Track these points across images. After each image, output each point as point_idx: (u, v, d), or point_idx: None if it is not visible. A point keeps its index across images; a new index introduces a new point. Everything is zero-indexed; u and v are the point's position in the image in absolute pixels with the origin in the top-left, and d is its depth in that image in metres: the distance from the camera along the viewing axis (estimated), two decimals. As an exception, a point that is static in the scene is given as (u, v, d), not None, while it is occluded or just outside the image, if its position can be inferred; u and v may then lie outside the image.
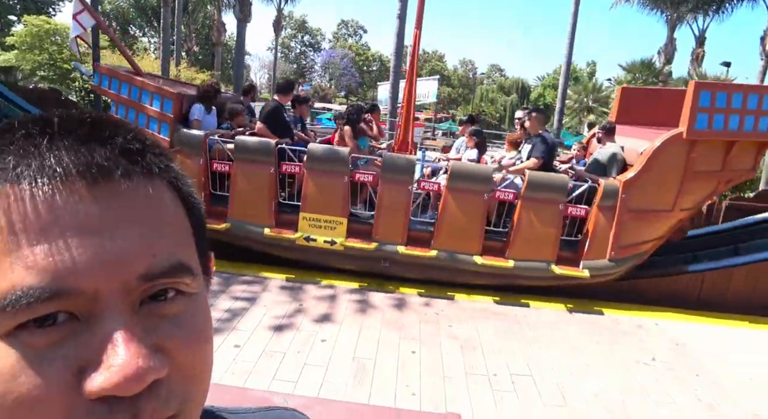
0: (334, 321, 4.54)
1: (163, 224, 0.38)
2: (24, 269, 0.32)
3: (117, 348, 0.33)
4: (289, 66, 61.67)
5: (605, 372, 4.08)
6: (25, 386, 0.32)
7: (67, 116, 0.39)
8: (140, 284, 0.35)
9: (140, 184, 0.37)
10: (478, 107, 52.99)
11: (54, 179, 0.34)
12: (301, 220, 5.59)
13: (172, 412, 0.36)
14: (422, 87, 31.70)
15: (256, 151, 5.57)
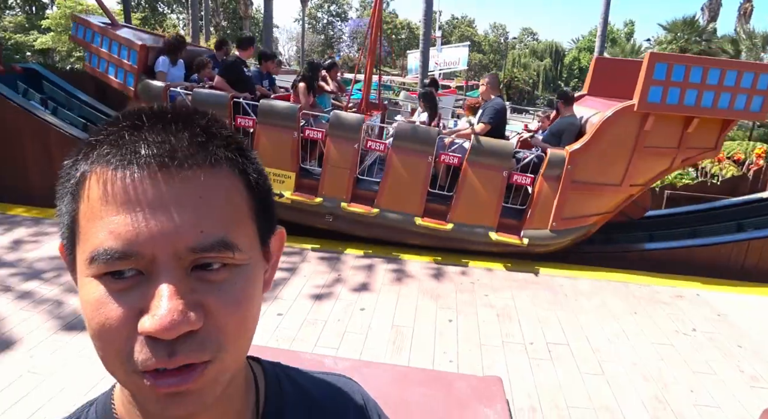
0: (372, 290, 4.65)
1: (216, 207, 0.45)
2: (107, 233, 0.43)
3: (161, 301, 0.42)
4: (316, 37, 61.17)
5: (643, 341, 4.09)
6: (104, 314, 0.43)
7: (153, 111, 0.47)
8: (189, 254, 0.43)
9: (202, 171, 0.45)
10: (510, 72, 51.70)
11: (133, 164, 0.43)
12: None
13: (206, 358, 0.44)
14: (452, 54, 31.08)
15: (211, 103, 5.66)
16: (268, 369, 0.64)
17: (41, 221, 5.93)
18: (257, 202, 0.50)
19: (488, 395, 1.38)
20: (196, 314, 0.43)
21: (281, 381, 0.64)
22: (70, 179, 0.47)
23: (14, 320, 3.77)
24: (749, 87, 5.15)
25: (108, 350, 0.44)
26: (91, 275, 0.44)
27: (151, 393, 0.44)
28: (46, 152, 6.53)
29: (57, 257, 4.92)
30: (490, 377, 1.52)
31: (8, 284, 4.34)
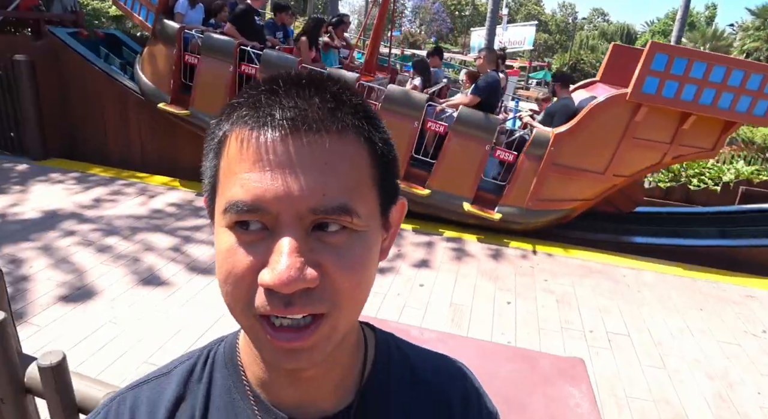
0: (432, 267, 4.69)
1: (339, 173, 0.47)
2: (240, 187, 0.46)
3: (280, 256, 0.45)
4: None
5: (708, 338, 3.96)
6: (233, 262, 0.47)
7: (289, 77, 0.50)
8: (310, 215, 0.45)
9: (329, 136, 0.47)
10: (576, 54, 49.69)
11: (267, 126, 0.46)
12: None
13: (321, 311, 0.47)
14: (517, 33, 30.18)
15: (218, 49, 5.84)
16: (380, 337, 0.66)
17: (117, 181, 6.28)
18: (381, 171, 0.51)
19: (572, 374, 1.40)
20: (312, 272, 0.45)
21: (391, 350, 0.66)
22: (213, 138, 0.51)
23: (96, 272, 4.05)
24: (756, 89, 4.88)
25: (233, 295, 0.48)
26: (224, 226, 0.48)
27: (269, 344, 0.48)
28: (124, 116, 6.87)
29: (132, 216, 5.23)
30: (573, 357, 1.53)
31: (90, 238, 4.65)
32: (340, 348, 0.55)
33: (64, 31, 7.03)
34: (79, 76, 6.80)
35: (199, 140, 6.59)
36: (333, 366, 0.57)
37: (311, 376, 0.56)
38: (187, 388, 0.60)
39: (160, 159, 6.88)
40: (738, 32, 28.68)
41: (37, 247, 4.37)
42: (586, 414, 1.28)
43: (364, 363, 0.62)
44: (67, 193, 5.71)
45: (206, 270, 4.25)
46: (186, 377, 0.61)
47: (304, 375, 0.55)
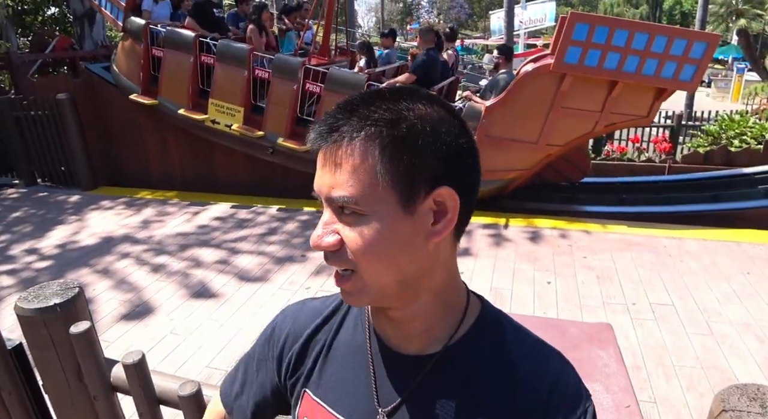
0: (471, 254, 4.78)
1: (346, 172, 0.61)
2: (315, 181, 0.66)
3: (318, 227, 0.66)
4: (395, 5, 60.50)
5: (757, 302, 3.90)
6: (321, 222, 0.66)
7: (342, 102, 0.66)
8: (331, 201, 0.64)
9: (342, 145, 0.62)
10: (601, 25, 48.21)
11: (317, 138, 0.64)
12: (210, 105, 6.38)
13: (347, 267, 0.65)
14: (537, 11, 29.50)
15: (179, 42, 6.32)
16: (485, 309, 0.76)
17: (162, 202, 6.61)
18: (394, 167, 0.60)
19: (600, 338, 1.48)
20: (331, 240, 0.64)
21: (487, 323, 0.75)
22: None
23: (153, 289, 4.32)
24: (680, 55, 4.92)
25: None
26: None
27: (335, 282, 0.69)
28: (162, 140, 7.21)
29: (180, 234, 5.52)
30: (601, 323, 1.61)
31: (143, 258, 4.94)
32: (420, 305, 0.70)
33: (98, 66, 7.44)
34: (118, 106, 7.18)
35: (233, 155, 6.88)
36: (414, 315, 0.71)
37: (397, 318, 0.72)
38: (336, 312, 0.84)
39: (199, 177, 7.19)
40: (772, -19, 27.19)
41: (96, 271, 4.69)
42: (614, 374, 1.36)
43: (458, 327, 0.73)
44: (118, 218, 6.07)
45: (253, 279, 4.46)
46: (338, 305, 0.85)
47: (391, 316, 0.72)
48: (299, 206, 6.28)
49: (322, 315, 0.84)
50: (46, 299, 1.32)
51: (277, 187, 6.80)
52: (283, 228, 5.61)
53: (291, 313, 0.88)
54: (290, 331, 0.85)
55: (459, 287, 0.75)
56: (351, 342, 0.79)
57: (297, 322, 0.86)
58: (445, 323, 0.73)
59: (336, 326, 0.82)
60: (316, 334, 0.83)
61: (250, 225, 5.73)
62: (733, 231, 5.20)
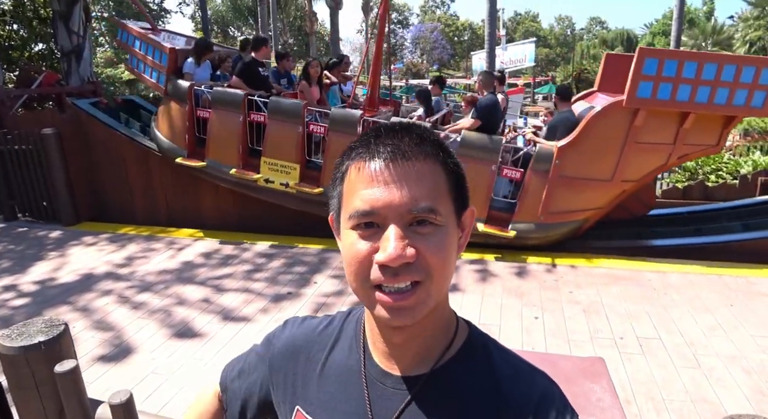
0: (458, 290, 4.76)
1: (425, 185, 0.68)
2: (360, 200, 0.68)
3: (389, 242, 0.65)
4: (379, 46, 61.88)
5: (741, 333, 3.93)
6: (356, 250, 0.68)
7: (387, 125, 0.73)
8: (408, 214, 0.66)
9: (417, 162, 0.68)
10: (579, 65, 49.90)
11: (374, 158, 0.68)
12: (263, 163, 6.23)
13: (418, 279, 0.67)
14: (517, 52, 30.49)
15: (228, 101, 6.21)
16: (473, 333, 0.80)
17: (146, 238, 6.53)
18: (453, 184, 0.72)
19: (593, 372, 1.48)
20: (411, 250, 0.66)
21: (477, 347, 0.78)
22: (338, 171, 0.74)
23: (135, 327, 4.22)
24: (750, 82, 4.99)
25: (356, 273, 0.69)
26: (349, 228, 0.70)
27: (381, 306, 0.68)
28: (147, 176, 7.18)
29: (164, 270, 5.43)
30: (593, 357, 1.61)
31: (125, 295, 4.84)
32: (424, 324, 0.72)
33: (85, 102, 7.45)
34: (103, 142, 7.17)
35: (219, 191, 6.86)
36: (416, 336, 0.74)
37: (401, 342, 0.75)
38: (332, 332, 0.86)
39: (185, 213, 7.14)
40: (738, 23, 28.62)
41: (77, 308, 4.58)
42: (609, 407, 1.36)
43: (447, 348, 0.77)
44: (100, 254, 5.97)
45: (238, 317, 4.39)
46: (335, 326, 0.87)
47: (395, 341, 0.75)
48: (287, 243, 6.25)
49: (317, 332, 0.87)
50: (30, 337, 1.29)
51: (265, 223, 6.77)
52: (270, 265, 5.56)
53: (290, 324, 0.92)
54: (285, 342, 0.89)
55: (450, 308, 0.80)
56: (345, 363, 0.81)
57: (293, 334, 0.89)
58: (437, 344, 0.76)
59: (331, 345, 0.85)
60: (309, 349, 0.86)
61: (236, 262, 5.67)
62: (714, 264, 5.28)
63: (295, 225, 6.61)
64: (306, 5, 37.29)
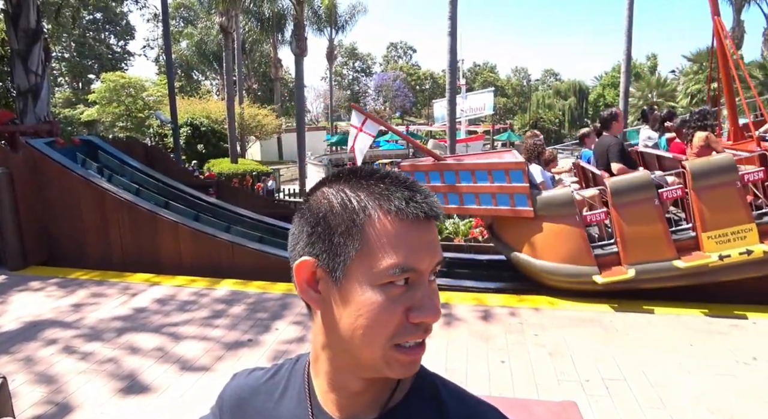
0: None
1: (437, 241, 0.69)
2: (403, 256, 0.64)
3: (431, 300, 0.66)
4: (343, 93, 63.27)
5: (703, 373, 3.98)
6: (391, 310, 0.65)
7: (401, 178, 0.70)
8: (435, 268, 0.67)
9: (431, 219, 0.68)
10: (535, 113, 52.06)
11: (416, 213, 0.66)
12: (706, 241, 5.21)
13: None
14: (477, 100, 31.66)
15: (636, 189, 5.30)
16: (420, 373, 0.77)
17: (98, 283, 6.24)
18: None
19: (566, 417, 1.44)
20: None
21: (425, 386, 0.77)
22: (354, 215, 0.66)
23: (81, 380, 3.95)
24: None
25: (383, 336, 0.65)
26: (376, 284, 0.64)
27: (402, 362, 0.66)
28: (103, 218, 6.94)
29: (116, 317, 5.17)
30: (566, 401, 1.58)
31: (72, 345, 4.56)
32: None
33: (41, 142, 7.22)
34: (57, 183, 6.93)
35: (178, 232, 6.68)
36: (375, 382, 0.72)
37: (360, 390, 0.73)
38: (279, 381, 0.83)
39: (141, 256, 6.89)
40: (680, 77, 30.62)
41: (17, 360, 4.27)
42: (583, 455, 1.32)
43: (395, 390, 0.75)
44: (48, 300, 5.64)
45: (194, 367, 4.17)
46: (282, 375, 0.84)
47: (356, 389, 0.73)
48: (246, 288, 6.07)
49: (264, 382, 0.85)
50: (-39, 391, 1.16)
51: (224, 267, 6.58)
52: (230, 311, 5.37)
53: (238, 377, 0.90)
54: (232, 394, 0.87)
55: None
56: (293, 413, 0.79)
57: (239, 385, 0.87)
58: (384, 387, 0.75)
59: (279, 395, 0.82)
60: (256, 400, 0.83)
61: (194, 308, 5.45)
62: (672, 305, 5.39)
63: (259, 269, 6.46)
64: (271, 51, 37.93)
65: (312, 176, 25.29)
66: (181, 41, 43.86)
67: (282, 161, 37.17)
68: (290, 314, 5.27)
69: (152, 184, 7.84)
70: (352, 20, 34.95)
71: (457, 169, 5.82)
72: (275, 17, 21.39)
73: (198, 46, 41.12)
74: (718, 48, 6.18)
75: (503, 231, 6.05)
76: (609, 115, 6.12)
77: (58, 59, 42.03)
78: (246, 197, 9.18)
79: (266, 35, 27.62)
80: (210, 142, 25.31)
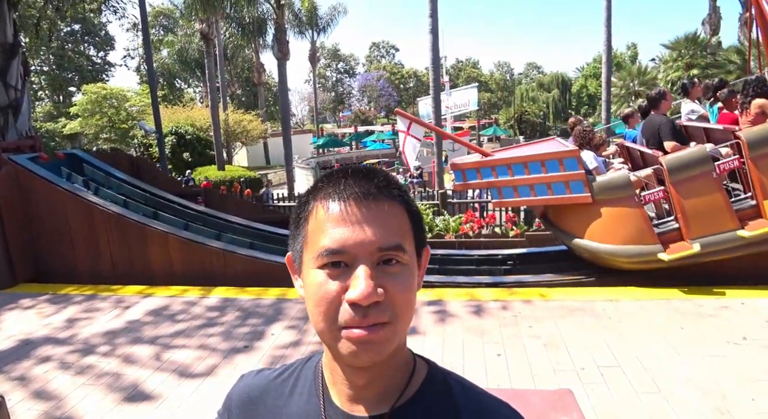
0: (419, 332, 4.72)
1: (392, 225, 0.70)
2: (329, 239, 0.68)
3: (360, 281, 0.65)
4: (327, 95, 63.13)
5: (695, 355, 4.05)
6: (324, 290, 0.68)
7: (353, 169, 0.74)
8: (377, 252, 0.67)
9: (384, 202, 0.70)
10: (519, 107, 52.33)
11: (343, 198, 0.69)
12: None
13: (386, 319, 0.67)
14: (461, 97, 31.75)
15: (693, 164, 5.35)
16: (433, 369, 0.80)
17: (90, 297, 6.20)
18: (414, 224, 0.74)
19: (563, 405, 1.48)
20: (381, 290, 0.66)
21: (437, 382, 0.78)
22: (303, 210, 0.74)
23: (78, 395, 3.92)
24: None
25: (324, 314, 0.68)
26: (316, 267, 0.69)
27: (348, 342, 0.67)
28: (92, 231, 6.88)
29: (110, 331, 5.14)
30: (562, 390, 1.62)
31: (67, 361, 4.53)
32: (386, 363, 0.72)
33: (24, 158, 7.15)
34: (44, 198, 6.86)
35: (168, 243, 6.65)
36: (379, 376, 0.74)
37: (363, 384, 0.74)
38: (288, 378, 0.85)
39: (132, 268, 6.85)
40: (660, 65, 30.94)
41: (11, 378, 4.23)
42: (581, 440, 1.35)
43: (407, 386, 0.76)
44: (40, 317, 5.60)
45: (193, 375, 4.17)
46: (291, 372, 0.86)
47: (359, 383, 0.74)
48: (239, 295, 6.07)
49: (273, 380, 0.87)
50: (-38, 411, 1.17)
51: (216, 275, 6.57)
52: (223, 319, 5.36)
53: (246, 377, 0.91)
54: (240, 394, 0.88)
55: (406, 346, 0.79)
56: (304, 409, 0.80)
57: (248, 385, 0.88)
58: (395, 382, 0.76)
59: (288, 392, 0.84)
60: (266, 398, 0.85)
61: (188, 317, 5.44)
62: (662, 290, 5.47)
63: (251, 275, 6.45)
64: (253, 56, 37.79)
65: (300, 180, 25.25)
66: (162, 50, 43.53)
67: (269, 165, 37.07)
68: (285, 318, 5.28)
69: (140, 195, 7.79)
70: (333, 22, 34.94)
71: (509, 162, 5.89)
72: (256, 22, 21.30)
73: (179, 54, 40.82)
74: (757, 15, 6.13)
75: (561, 220, 6.06)
76: (657, 94, 6.18)
77: (37, 73, 41.53)
78: (235, 203, 9.15)
79: (248, 40, 27.49)
80: (196, 150, 25.20)
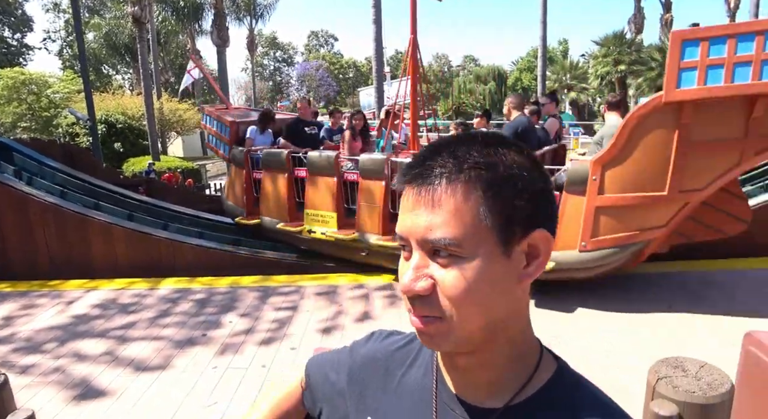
0: (374, 317, 4.80)
1: (444, 212, 0.60)
2: (398, 223, 0.66)
3: (407, 271, 0.63)
4: (265, 84, 61.72)
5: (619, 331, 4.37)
6: (401, 270, 0.65)
7: (426, 148, 0.68)
8: (425, 243, 0.62)
9: (439, 187, 0.61)
10: (457, 99, 53.26)
11: (408, 182, 0.65)
12: (306, 215, 6.46)
13: (435, 314, 0.62)
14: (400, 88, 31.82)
15: (273, 161, 6.71)
16: (560, 369, 0.71)
17: (26, 294, 5.85)
18: (495, 209, 0.61)
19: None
20: (425, 284, 0.61)
21: (559, 385, 0.69)
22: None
23: (24, 396, 3.71)
24: None
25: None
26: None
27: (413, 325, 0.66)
28: (25, 223, 6.48)
29: (54, 327, 4.89)
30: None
31: (9, 360, 4.27)
32: (493, 352, 0.66)
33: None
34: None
35: (112, 234, 6.37)
36: (482, 364, 0.67)
37: (462, 366, 0.70)
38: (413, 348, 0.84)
39: (71, 262, 6.51)
40: (590, 60, 32.38)
41: (-51, 380, 3.95)
42: None
43: (528, 381, 0.68)
44: (-28, 316, 5.23)
45: (150, 367, 4.05)
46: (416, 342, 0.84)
47: (458, 364, 0.70)
48: (191, 285, 5.92)
49: (398, 348, 0.86)
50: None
51: (165, 266, 6.36)
52: (177, 309, 5.22)
53: (374, 338, 0.91)
54: (366, 354, 0.88)
55: (533, 338, 0.72)
56: (420, 382, 0.78)
57: (375, 348, 0.89)
58: (514, 375, 0.69)
59: (409, 363, 0.82)
60: (388, 364, 0.84)
61: (138, 309, 5.25)
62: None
63: (202, 264, 6.30)
64: (188, 42, 36.34)
65: (241, 170, 24.65)
66: (88, 33, 40.97)
67: (207, 156, 35.89)
68: (241, 306, 5.22)
69: (77, 185, 7.39)
70: (271, 7, 34.15)
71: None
72: (191, 7, 20.51)
73: (107, 38, 38.52)
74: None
75: None
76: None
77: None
78: (178, 193, 8.87)
79: (183, 26, 26.41)
80: (128, 140, 24.00)
